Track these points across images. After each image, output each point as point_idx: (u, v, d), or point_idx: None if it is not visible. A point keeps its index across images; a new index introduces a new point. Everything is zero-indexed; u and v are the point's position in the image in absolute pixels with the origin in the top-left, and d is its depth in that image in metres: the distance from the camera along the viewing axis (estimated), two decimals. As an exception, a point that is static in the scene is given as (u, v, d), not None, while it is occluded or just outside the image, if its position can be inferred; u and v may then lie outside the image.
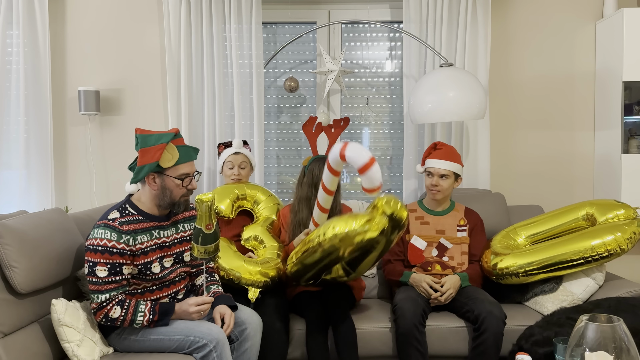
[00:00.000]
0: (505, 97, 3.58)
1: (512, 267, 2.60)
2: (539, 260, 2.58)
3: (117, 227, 2.03)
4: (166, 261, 2.17)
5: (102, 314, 2.01)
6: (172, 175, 2.09)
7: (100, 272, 1.98)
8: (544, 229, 2.82)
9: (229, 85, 3.43)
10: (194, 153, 2.17)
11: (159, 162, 2.06)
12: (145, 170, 2.06)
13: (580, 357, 1.26)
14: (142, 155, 2.06)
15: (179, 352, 2.06)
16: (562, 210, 2.85)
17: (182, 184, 2.11)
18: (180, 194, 2.13)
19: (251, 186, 2.91)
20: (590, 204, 2.79)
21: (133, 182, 2.12)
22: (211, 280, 2.36)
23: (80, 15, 3.55)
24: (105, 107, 3.55)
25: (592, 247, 2.51)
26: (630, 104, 3.39)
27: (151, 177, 2.09)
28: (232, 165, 2.92)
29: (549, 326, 1.99)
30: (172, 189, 2.11)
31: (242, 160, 2.94)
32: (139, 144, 2.07)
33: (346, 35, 3.65)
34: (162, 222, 2.17)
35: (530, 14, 3.55)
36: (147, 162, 2.05)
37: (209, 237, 2.08)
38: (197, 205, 2.04)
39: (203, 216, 2.05)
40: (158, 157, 2.05)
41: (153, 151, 2.05)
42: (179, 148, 2.10)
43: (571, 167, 3.59)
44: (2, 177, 3.46)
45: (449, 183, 2.73)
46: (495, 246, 2.76)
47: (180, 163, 2.10)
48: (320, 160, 2.73)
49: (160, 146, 2.06)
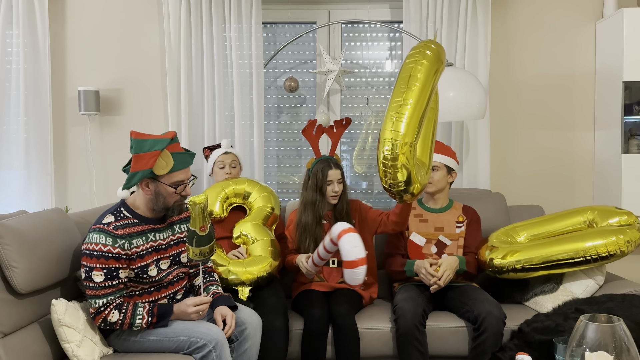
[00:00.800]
0: (505, 97, 3.58)
1: (511, 260, 2.59)
2: (540, 256, 2.56)
3: (112, 232, 2.02)
4: (163, 263, 2.16)
5: (100, 319, 2.01)
6: (166, 183, 2.06)
7: (96, 277, 1.98)
8: (545, 230, 2.81)
9: (229, 85, 3.43)
10: (190, 159, 2.13)
11: (152, 169, 2.03)
12: (138, 176, 2.03)
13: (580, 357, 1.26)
14: (135, 161, 2.03)
15: (179, 353, 2.06)
16: (564, 212, 2.84)
17: (175, 191, 2.09)
18: (174, 200, 2.11)
19: (237, 181, 2.86)
20: (592, 209, 2.77)
21: (125, 188, 2.10)
22: (210, 281, 2.35)
23: (80, 15, 3.55)
24: (105, 107, 3.55)
25: (593, 246, 2.50)
26: (630, 104, 3.39)
27: (144, 183, 2.07)
28: (223, 165, 2.92)
29: (554, 316, 1.99)
30: (165, 195, 2.08)
31: (232, 159, 2.95)
32: (133, 148, 2.04)
33: (346, 35, 3.65)
34: (157, 225, 2.16)
35: (530, 14, 3.55)
36: (140, 169, 2.02)
37: (203, 239, 2.06)
38: (191, 207, 2.01)
39: (196, 218, 2.02)
40: (152, 164, 2.02)
41: (147, 158, 2.02)
42: (174, 155, 2.06)
43: (571, 167, 3.59)
44: (2, 177, 3.46)
45: (441, 175, 2.73)
46: (493, 240, 2.76)
47: (175, 171, 2.07)
48: (324, 162, 2.71)
49: (155, 153, 2.02)
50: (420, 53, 2.13)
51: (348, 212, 2.76)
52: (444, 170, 2.74)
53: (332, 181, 2.69)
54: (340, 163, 2.77)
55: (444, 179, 2.75)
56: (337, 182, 2.70)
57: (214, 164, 2.96)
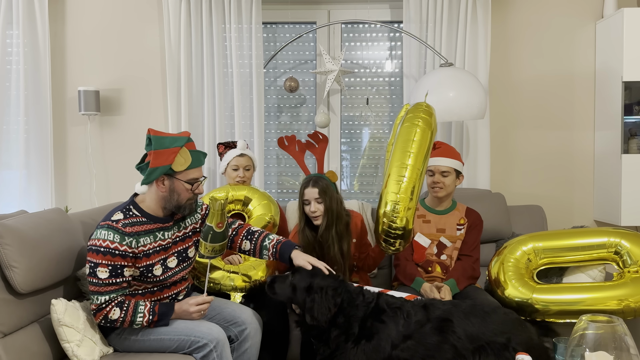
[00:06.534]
0: (505, 97, 3.58)
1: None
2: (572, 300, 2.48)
3: (120, 229, 2.02)
4: (170, 261, 2.16)
5: (101, 315, 2.01)
6: (183, 179, 2.09)
7: (101, 274, 1.98)
8: (563, 258, 2.65)
9: (229, 85, 3.43)
10: (203, 158, 2.18)
11: (171, 166, 2.06)
12: (158, 172, 2.06)
13: (580, 357, 1.26)
14: (155, 157, 2.05)
15: (179, 352, 2.06)
16: (583, 232, 2.68)
17: (191, 189, 2.12)
18: (187, 197, 2.13)
19: (237, 187, 2.83)
20: (616, 233, 2.59)
21: (144, 184, 2.11)
22: (264, 235, 2.32)
23: (80, 15, 3.55)
24: (105, 107, 3.55)
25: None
26: (630, 104, 3.39)
27: (161, 179, 2.09)
28: (237, 167, 2.87)
29: None
30: (180, 192, 2.10)
31: (247, 163, 2.90)
32: (152, 144, 2.06)
33: (346, 35, 3.65)
34: (165, 224, 2.17)
35: (530, 14, 3.55)
36: (160, 165, 2.05)
37: (218, 236, 2.11)
38: (211, 203, 2.07)
39: (215, 214, 2.08)
40: (172, 160, 2.05)
41: (167, 154, 2.05)
42: (191, 153, 2.11)
43: (571, 167, 3.59)
44: (2, 177, 3.46)
45: (451, 180, 2.73)
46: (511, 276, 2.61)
47: (192, 168, 2.10)
48: (305, 180, 2.55)
49: (175, 149, 2.06)
50: (418, 117, 2.38)
51: (341, 233, 2.52)
52: (453, 175, 2.73)
53: (310, 200, 2.49)
54: (332, 181, 2.57)
55: (453, 183, 2.75)
56: (316, 202, 2.48)
57: (228, 165, 2.90)
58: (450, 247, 2.74)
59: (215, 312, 2.29)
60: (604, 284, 2.51)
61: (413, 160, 2.30)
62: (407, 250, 2.76)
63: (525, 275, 2.60)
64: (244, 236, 2.33)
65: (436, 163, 2.71)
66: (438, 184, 2.70)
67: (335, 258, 2.49)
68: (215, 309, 2.29)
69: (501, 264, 2.63)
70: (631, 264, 2.51)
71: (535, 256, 2.63)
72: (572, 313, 2.47)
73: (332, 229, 2.49)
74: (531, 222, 3.19)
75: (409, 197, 2.29)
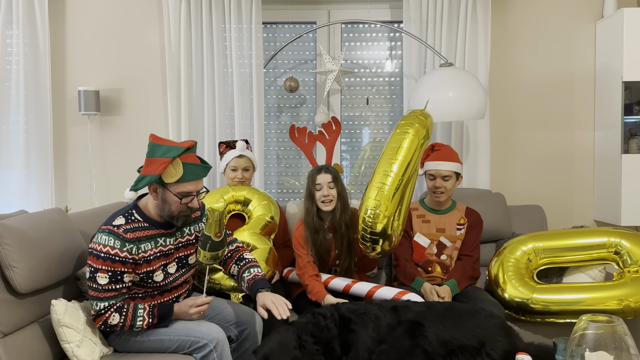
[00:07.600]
0: (505, 97, 3.58)
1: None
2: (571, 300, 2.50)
3: (122, 235, 2.00)
4: (170, 267, 2.15)
5: (101, 321, 2.01)
6: (173, 192, 2.02)
7: (101, 279, 1.97)
8: (563, 258, 2.67)
9: (229, 85, 3.43)
10: (203, 171, 2.06)
11: (160, 176, 2.00)
12: (145, 180, 2.01)
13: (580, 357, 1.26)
14: (146, 165, 2.01)
15: (179, 353, 2.06)
16: (584, 232, 2.69)
17: (181, 202, 2.04)
18: (179, 210, 2.06)
19: (237, 187, 2.84)
20: (616, 233, 2.61)
21: (132, 190, 2.08)
22: (250, 262, 2.30)
23: (80, 15, 3.55)
24: (105, 107, 3.55)
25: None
26: (630, 104, 3.39)
27: (152, 188, 2.05)
28: (235, 168, 2.88)
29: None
30: (171, 203, 2.04)
31: (246, 164, 2.90)
32: (147, 151, 2.02)
33: (346, 35, 3.65)
34: (167, 230, 2.13)
35: (530, 14, 3.55)
36: (148, 173, 2.00)
37: (216, 245, 2.08)
38: (209, 213, 2.02)
39: (213, 224, 2.03)
40: (161, 170, 1.98)
41: (157, 163, 1.99)
42: (185, 165, 2.01)
43: (571, 167, 3.59)
44: (2, 177, 3.46)
45: (452, 183, 2.73)
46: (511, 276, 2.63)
47: (184, 181, 2.01)
48: (316, 169, 2.62)
49: (166, 160, 1.98)
50: (410, 125, 2.42)
51: (348, 224, 2.61)
52: (454, 178, 2.74)
53: (322, 185, 2.57)
54: (339, 172, 2.66)
55: (454, 186, 2.75)
56: (328, 187, 2.57)
57: (227, 165, 2.90)
58: (450, 247, 2.74)
59: (216, 312, 2.29)
60: (604, 284, 2.52)
61: (398, 168, 2.35)
62: (406, 250, 2.76)
63: (525, 275, 2.60)
64: (235, 261, 2.32)
65: (438, 167, 2.70)
66: (440, 189, 2.70)
67: (344, 246, 2.61)
68: (216, 309, 2.30)
69: (501, 264, 2.63)
70: (631, 264, 2.52)
71: (535, 256, 2.64)
72: (572, 313, 2.47)
73: (345, 214, 2.60)
74: (531, 222, 3.19)
75: (390, 204, 2.33)
